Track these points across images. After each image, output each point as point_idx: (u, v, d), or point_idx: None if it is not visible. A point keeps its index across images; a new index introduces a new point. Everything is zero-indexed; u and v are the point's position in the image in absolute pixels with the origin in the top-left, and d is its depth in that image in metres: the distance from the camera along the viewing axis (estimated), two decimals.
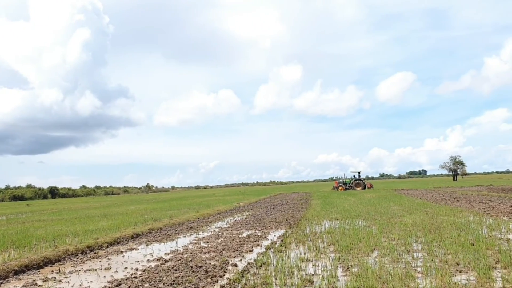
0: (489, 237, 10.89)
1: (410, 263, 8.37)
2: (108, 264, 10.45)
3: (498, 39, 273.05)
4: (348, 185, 56.54)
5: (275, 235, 13.87)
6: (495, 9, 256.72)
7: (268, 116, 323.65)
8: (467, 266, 7.82)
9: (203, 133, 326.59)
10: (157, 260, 10.53)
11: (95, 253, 12.25)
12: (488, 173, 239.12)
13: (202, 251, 11.39)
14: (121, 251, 12.34)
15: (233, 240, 13.14)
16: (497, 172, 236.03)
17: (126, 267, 9.88)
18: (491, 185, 52.94)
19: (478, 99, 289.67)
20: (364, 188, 55.50)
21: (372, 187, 57.80)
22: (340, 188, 55.94)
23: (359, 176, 58.71)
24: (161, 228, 17.52)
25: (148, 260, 10.63)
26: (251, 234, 14.41)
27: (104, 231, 16.46)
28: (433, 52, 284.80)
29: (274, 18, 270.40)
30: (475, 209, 18.99)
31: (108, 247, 13.33)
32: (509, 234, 11.49)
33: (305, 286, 7.13)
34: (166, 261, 10.29)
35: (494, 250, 9.06)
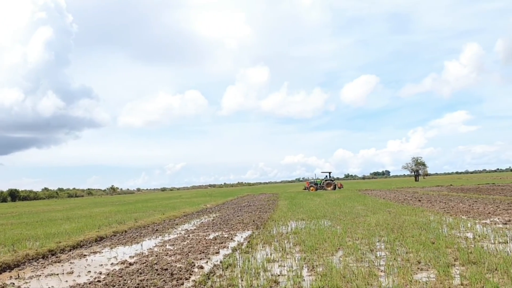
0: (448, 235, 11.26)
1: (373, 262, 8.55)
2: (71, 268, 10.19)
3: (458, 44, 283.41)
4: (319, 185, 57.18)
5: (242, 237, 13.88)
6: (454, 14, 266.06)
7: (235, 117, 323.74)
8: (428, 264, 8.06)
9: (169, 134, 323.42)
10: (122, 263, 10.35)
11: (57, 257, 11.90)
12: (448, 173, 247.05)
13: (167, 253, 11.27)
14: (84, 255, 12.06)
15: (199, 242, 13.06)
16: (456, 173, 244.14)
17: (90, 271, 9.66)
18: (451, 185, 54.74)
19: (438, 102, 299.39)
20: (335, 188, 56.29)
21: (342, 187, 58.75)
22: (311, 188, 56.54)
23: (330, 176, 59.51)
24: (126, 231, 17.23)
25: (112, 264, 10.43)
26: (217, 236, 14.36)
27: (67, 234, 16.03)
28: (396, 56, 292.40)
29: (241, 20, 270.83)
30: (435, 209, 19.59)
31: (70, 250, 13.00)
32: (468, 232, 11.91)
33: (271, 286, 7.17)
34: (130, 264, 10.12)
35: (453, 248, 9.38)
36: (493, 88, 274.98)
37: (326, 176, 59.68)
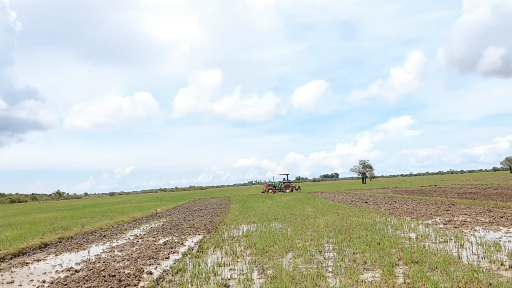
0: (393, 236, 11.71)
1: (321, 263, 8.75)
2: (12, 277, 9.71)
3: (402, 51, 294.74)
4: (277, 187, 57.60)
5: (192, 241, 13.77)
6: (399, 23, 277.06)
7: (187, 120, 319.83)
8: (373, 264, 8.35)
9: (119, 137, 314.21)
10: (67, 270, 9.99)
11: None
12: (394, 176, 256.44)
13: (115, 259, 11.00)
14: (27, 263, 11.53)
15: (148, 247, 12.84)
16: (401, 175, 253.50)
17: (32, 280, 9.26)
18: (396, 187, 56.85)
19: (384, 107, 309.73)
20: (292, 190, 56.99)
21: (300, 189, 59.55)
22: (270, 191, 56.88)
23: (288, 178, 60.09)
24: (72, 237, 16.63)
25: (57, 271, 10.04)
26: (168, 240, 14.17)
27: (8, 241, 15.27)
28: (344, 62, 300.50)
29: (193, 22, 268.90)
30: (381, 210, 20.30)
31: (12, 259, 12.39)
32: (411, 233, 12.43)
33: None
34: (76, 271, 9.79)
35: (397, 248, 9.76)
36: (435, 94, 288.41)
37: (284, 178, 60.22)
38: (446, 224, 14.03)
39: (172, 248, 12.49)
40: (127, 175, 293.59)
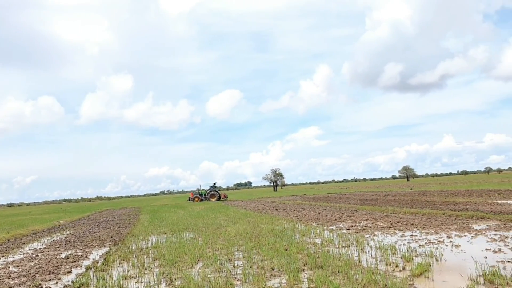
0: (300, 242, 12.13)
1: (231, 271, 8.80)
2: None
3: (311, 65, 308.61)
4: (203, 196, 56.53)
5: (97, 254, 13.13)
6: (308, 38, 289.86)
7: (95, 127, 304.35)
8: (280, 270, 8.58)
9: (19, 144, 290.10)
10: None
11: None
12: (303, 183, 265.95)
13: (10, 276, 10.14)
14: None
15: (49, 262, 12.01)
16: (310, 183, 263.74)
17: None
18: (304, 194, 59.07)
19: (294, 118, 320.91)
20: (219, 199, 55.97)
21: (227, 197, 58.90)
22: (196, 199, 55.66)
23: (214, 187, 59.24)
24: None
25: None
26: (70, 254, 13.38)
27: None
28: (257, 73, 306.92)
29: (103, 26, 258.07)
30: (290, 217, 20.95)
31: None
32: (317, 238, 12.97)
33: None
34: None
35: (304, 254, 10.13)
36: (340, 106, 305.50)
37: (211, 187, 59.34)
38: (349, 229, 14.83)
39: (75, 261, 11.81)
40: (27, 185, 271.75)
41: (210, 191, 57.46)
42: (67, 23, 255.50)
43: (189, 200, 57.71)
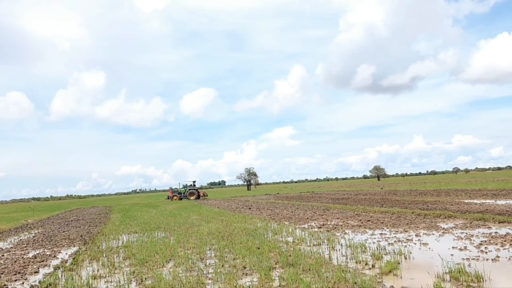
0: (272, 240, 12.18)
1: (202, 270, 8.77)
2: None
3: (286, 65, 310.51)
4: (182, 194, 55.72)
5: (66, 253, 12.87)
6: (283, 38, 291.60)
7: (66, 124, 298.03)
8: (252, 268, 8.60)
9: None
10: None
11: None
12: (276, 182, 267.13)
13: None
14: None
15: (15, 261, 11.70)
16: (283, 182, 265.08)
17: None
18: (277, 193, 59.36)
19: (269, 117, 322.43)
20: (198, 197, 55.23)
21: (207, 196, 58.14)
22: (174, 197, 54.90)
23: (194, 185, 58.45)
24: None
25: None
26: (38, 253, 13.07)
27: None
28: (232, 72, 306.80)
29: (75, 21, 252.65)
30: (263, 216, 21.02)
31: None
32: (289, 237, 13.06)
33: None
34: None
35: (275, 252, 10.18)
36: (314, 107, 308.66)
37: (190, 185, 58.55)
38: (320, 228, 14.99)
39: (43, 261, 11.55)
40: None
41: (190, 189, 56.73)
42: (39, 17, 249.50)
43: (168, 198, 57.00)
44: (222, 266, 8.99)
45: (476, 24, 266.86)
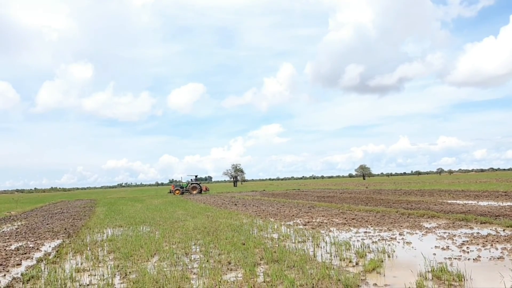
0: (257, 237, 12.22)
1: (187, 265, 8.77)
2: None
3: (275, 63, 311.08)
4: (184, 188, 55.34)
5: (50, 246, 12.75)
6: (272, 35, 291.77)
7: (51, 115, 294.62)
8: (237, 264, 8.62)
9: None
10: None
11: None
12: (263, 179, 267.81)
13: None
14: None
15: None
16: (269, 179, 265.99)
17: None
18: (264, 190, 59.49)
19: (257, 114, 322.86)
20: (201, 191, 54.75)
21: (208, 190, 57.60)
22: (176, 191, 54.47)
23: (196, 179, 58.12)
24: None
25: None
26: (21, 246, 12.92)
27: None
28: (221, 68, 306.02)
29: (63, 12, 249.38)
30: (249, 212, 21.06)
31: None
32: (274, 233, 13.11)
33: None
34: None
35: (260, 248, 10.21)
36: (302, 105, 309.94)
37: (192, 179, 58.20)
38: (305, 225, 15.07)
39: (25, 253, 11.43)
40: None
41: (192, 183, 56.36)
42: (26, 7, 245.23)
43: (170, 192, 56.69)
44: (207, 261, 9.00)
45: (463, 28, 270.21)
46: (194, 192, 54.93)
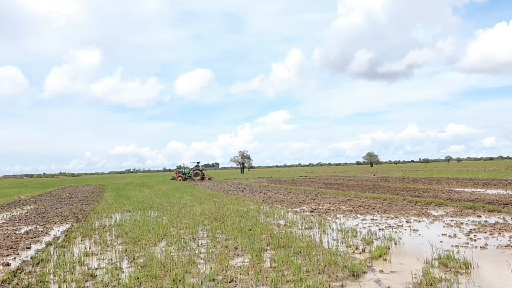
0: (264, 223, 12.27)
1: (194, 250, 8.84)
2: None
3: (283, 48, 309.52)
4: (187, 175, 55.51)
5: (59, 230, 12.90)
6: (280, 21, 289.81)
7: (60, 101, 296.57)
8: (244, 249, 8.67)
9: None
10: None
11: None
12: (270, 166, 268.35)
13: None
14: None
15: (7, 237, 11.72)
16: (276, 166, 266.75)
17: None
18: (271, 177, 59.64)
19: (264, 101, 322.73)
20: (203, 178, 54.65)
21: (213, 179, 56.64)
22: (179, 178, 54.67)
23: (198, 166, 58.34)
24: None
25: None
26: (30, 229, 13.09)
27: None
28: (228, 54, 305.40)
29: None
30: (256, 198, 21.13)
31: None
32: (281, 220, 13.15)
33: (86, 280, 6.84)
34: None
35: (267, 234, 10.26)
36: (310, 92, 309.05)
37: (195, 166, 58.36)
38: (312, 212, 15.10)
39: (35, 237, 11.57)
40: None
41: (194, 169, 56.36)
42: None
43: (173, 179, 56.87)
44: (214, 246, 9.06)
45: (475, 14, 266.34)
46: (196, 178, 54.75)
